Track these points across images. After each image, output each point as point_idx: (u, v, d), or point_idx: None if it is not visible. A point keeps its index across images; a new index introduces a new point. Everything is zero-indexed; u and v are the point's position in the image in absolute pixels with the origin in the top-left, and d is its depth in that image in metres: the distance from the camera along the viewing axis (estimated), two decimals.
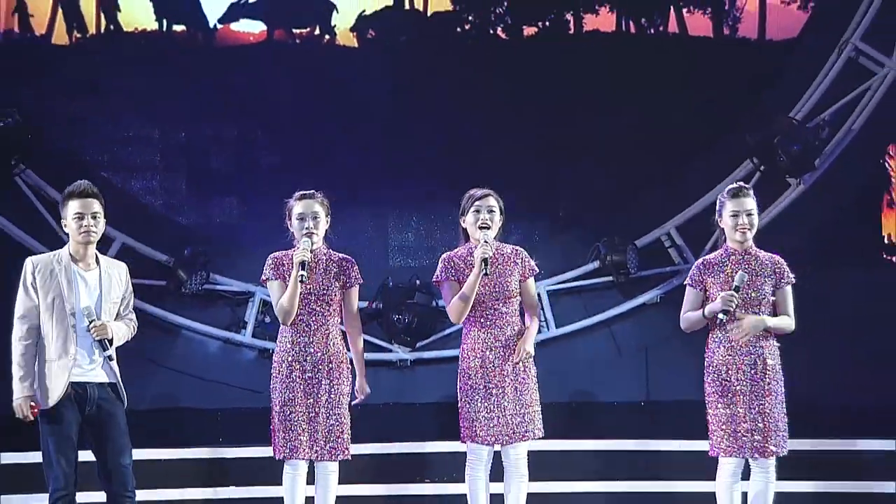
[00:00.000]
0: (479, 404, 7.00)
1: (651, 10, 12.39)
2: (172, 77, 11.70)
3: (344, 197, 10.96)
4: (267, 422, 7.17)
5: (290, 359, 7.01)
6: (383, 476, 9.15)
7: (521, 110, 11.68)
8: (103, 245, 10.35)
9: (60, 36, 11.94)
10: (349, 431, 7.11)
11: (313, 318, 7.03)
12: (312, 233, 7.02)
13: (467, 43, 12.29)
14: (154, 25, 12.01)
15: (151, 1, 11.98)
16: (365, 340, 10.87)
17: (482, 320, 7.05)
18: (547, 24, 12.34)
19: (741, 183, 7.29)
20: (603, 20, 12.31)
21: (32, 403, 6.52)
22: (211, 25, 12.06)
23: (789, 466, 8.43)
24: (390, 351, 10.84)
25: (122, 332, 6.69)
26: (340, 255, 7.27)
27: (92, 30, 12.02)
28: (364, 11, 12.11)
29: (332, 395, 7.02)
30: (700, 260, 7.26)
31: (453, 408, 10.00)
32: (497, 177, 10.75)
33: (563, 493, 8.82)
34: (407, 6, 12.27)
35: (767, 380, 6.99)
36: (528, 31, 12.33)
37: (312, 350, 6.99)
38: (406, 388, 10.78)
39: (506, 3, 12.33)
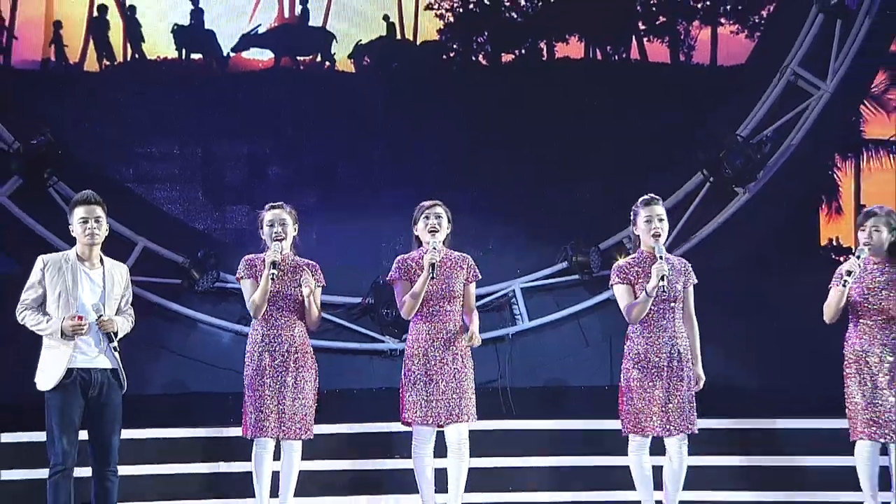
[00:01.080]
0: (420, 389, 7.00)
1: (615, 39, 12.49)
2: (190, 99, 11.77)
3: (342, 204, 11.45)
4: None
5: (260, 349, 7.04)
6: (367, 453, 8.98)
7: (501, 127, 11.70)
8: (125, 249, 10.43)
9: (91, 64, 12.04)
10: (312, 414, 7.15)
11: (281, 314, 7.05)
12: (281, 238, 7.09)
13: (452, 69, 12.41)
14: (174, 54, 12.09)
15: (172, 32, 12.07)
16: (359, 332, 10.97)
17: (428, 316, 7.06)
18: (523, 51, 12.46)
19: (652, 194, 7.28)
20: (572, 48, 12.42)
21: (70, 320, 6.42)
22: (225, 54, 12.15)
23: (739, 442, 8.63)
24: (382, 342, 10.80)
25: (123, 325, 6.68)
26: (306, 260, 7.29)
27: (119, 58, 12.11)
28: (360, 41, 12.20)
29: (298, 382, 7.05)
30: (617, 265, 7.22)
31: None
32: (479, 186, 11.50)
33: (536, 466, 8.70)
34: (398, 36, 12.34)
35: (681, 366, 6.97)
36: (506, 57, 12.43)
37: (280, 341, 7.03)
38: (396, 374, 10.75)
39: (486, 33, 12.43)
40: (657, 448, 7.01)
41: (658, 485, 7.05)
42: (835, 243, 19.83)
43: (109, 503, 6.64)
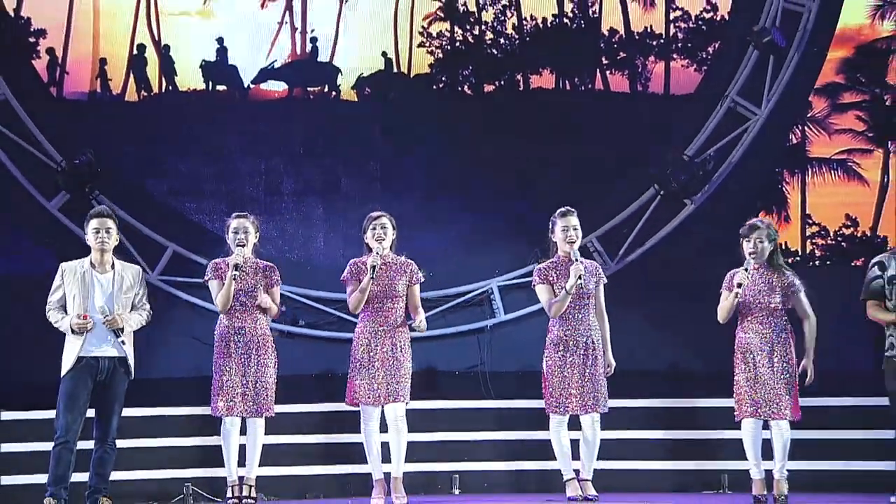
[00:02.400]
0: (364, 374, 6.98)
1: (582, 72, 12.62)
2: (215, 125, 11.85)
3: (345, 214, 11.41)
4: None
5: (226, 339, 7.04)
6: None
7: (482, 148, 11.77)
8: (157, 253, 10.57)
9: (131, 94, 12.16)
10: (273, 395, 7.09)
11: (244, 309, 7.04)
12: (243, 244, 7.02)
13: (441, 97, 12.49)
14: (202, 86, 12.21)
15: (200, 67, 12.20)
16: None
17: (372, 312, 7.03)
18: (502, 82, 12.59)
19: (568, 207, 7.32)
20: (545, 79, 12.56)
21: (76, 319, 6.47)
22: (245, 86, 12.25)
23: (665, 417, 8.53)
24: None
25: (135, 320, 6.68)
26: (265, 262, 7.24)
27: (155, 90, 12.25)
28: (362, 74, 12.32)
29: (259, 367, 7.02)
30: (538, 268, 7.31)
31: (426, 374, 9.84)
32: (462, 197, 11.60)
33: (517, 440, 8.59)
34: (395, 70, 12.47)
35: (595, 353, 7.05)
36: (488, 87, 12.56)
37: (244, 332, 7.01)
38: None
39: (470, 67, 12.59)
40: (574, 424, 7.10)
41: (575, 456, 7.12)
42: (783, 247, 20.05)
43: (105, 469, 6.66)
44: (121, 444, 7.51)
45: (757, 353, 6.86)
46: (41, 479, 6.66)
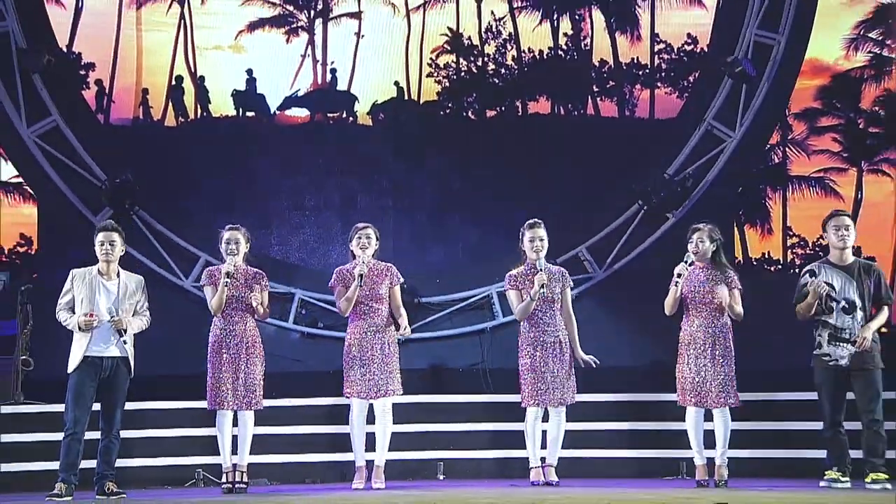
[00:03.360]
0: (356, 370, 6.95)
1: (575, 98, 12.75)
2: (244, 147, 11.95)
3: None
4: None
5: (219, 340, 6.94)
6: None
7: (484, 167, 11.83)
8: (191, 262, 10.55)
9: (170, 120, 12.45)
10: (261, 390, 6.99)
11: (235, 312, 6.93)
12: (235, 253, 6.93)
13: (448, 122, 12.64)
14: (233, 112, 12.41)
15: (232, 96, 12.40)
16: None
17: (361, 314, 6.99)
18: (503, 108, 12.75)
19: (535, 219, 7.21)
20: (541, 106, 12.74)
21: (83, 316, 6.47)
22: (272, 112, 12.41)
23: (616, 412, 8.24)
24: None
25: (136, 324, 6.66)
26: (255, 269, 7.12)
27: (191, 116, 12.52)
28: (376, 101, 12.45)
29: (249, 365, 6.93)
30: (509, 274, 7.15)
31: (434, 370, 10.01)
32: (466, 212, 11.67)
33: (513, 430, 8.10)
34: (406, 97, 12.63)
35: (562, 351, 6.97)
36: (490, 113, 12.69)
37: (235, 334, 6.92)
38: (404, 358, 10.64)
39: (474, 95, 12.70)
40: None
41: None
42: (766, 256, 20.15)
43: (111, 457, 6.64)
44: (141, 433, 7.69)
45: (699, 345, 6.79)
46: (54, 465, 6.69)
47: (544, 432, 7.11)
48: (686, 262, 6.85)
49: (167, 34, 12.61)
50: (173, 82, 12.61)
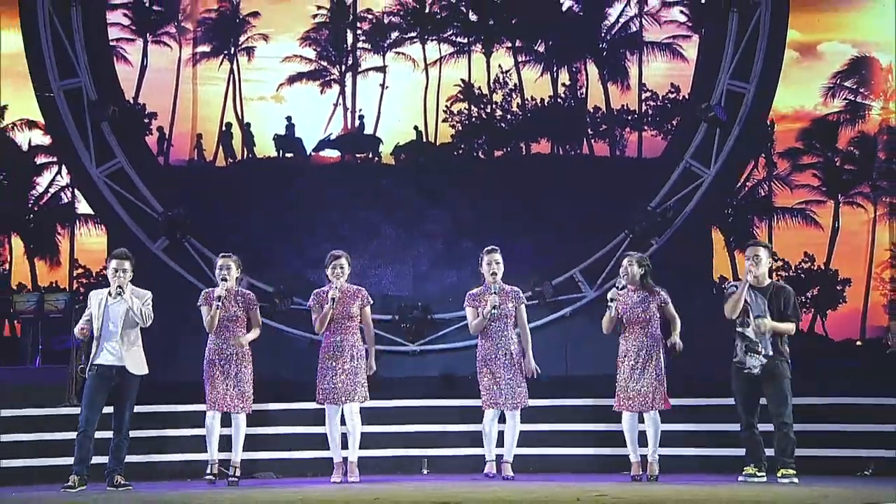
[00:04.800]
0: (329, 380, 6.87)
1: (571, 140, 12.83)
2: (284, 183, 12.01)
3: (383, 252, 11.61)
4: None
5: (214, 353, 6.89)
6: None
7: (492, 200, 11.85)
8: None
9: (220, 161, 12.65)
10: (251, 396, 6.92)
11: (227, 329, 6.89)
12: (226, 279, 6.86)
13: (460, 161, 12.77)
14: (275, 154, 12.58)
15: (273, 139, 12.54)
16: (388, 339, 10.63)
17: (334, 331, 6.93)
18: (508, 149, 12.87)
19: (493, 246, 7.18)
20: (542, 146, 12.81)
21: (83, 328, 6.53)
22: (308, 153, 12.56)
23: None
24: (405, 345, 10.84)
25: (136, 305, 6.52)
26: (246, 291, 7.07)
27: (239, 157, 12.72)
28: (398, 143, 12.60)
29: (239, 375, 6.88)
30: (469, 293, 7.12)
31: (447, 378, 9.81)
32: (475, 239, 11.10)
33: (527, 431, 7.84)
34: (424, 139, 12.76)
35: (514, 362, 6.96)
36: (497, 153, 12.81)
37: (227, 348, 6.87)
38: (417, 367, 10.65)
39: (484, 137, 12.83)
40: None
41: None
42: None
43: (120, 454, 6.62)
44: (166, 432, 7.64)
45: (634, 358, 6.81)
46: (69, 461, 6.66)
47: (501, 432, 7.05)
48: (618, 287, 6.88)
49: (219, 87, 12.96)
50: (223, 128, 12.86)
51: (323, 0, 12.84)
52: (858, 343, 17.06)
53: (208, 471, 6.95)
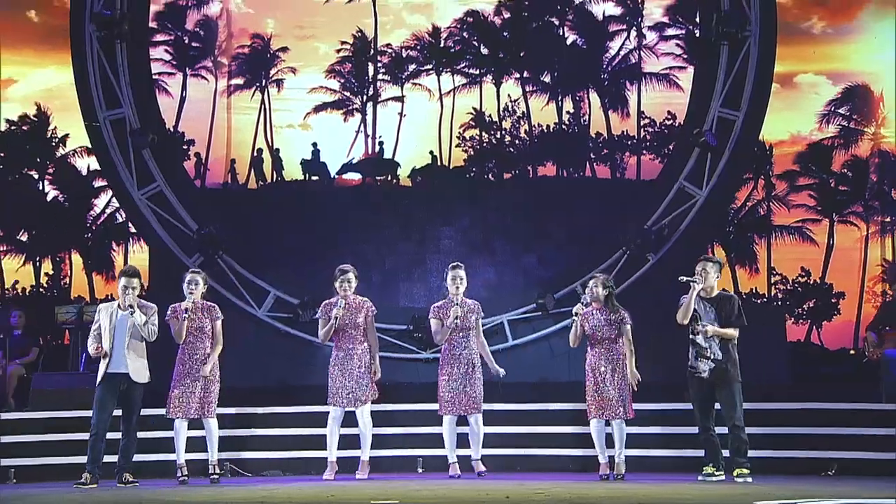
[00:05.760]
0: (339, 385, 6.88)
1: (575, 163, 12.91)
2: (310, 204, 12.11)
3: (400, 268, 11.63)
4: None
5: (183, 361, 6.86)
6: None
7: (502, 219, 11.94)
8: (263, 295, 10.54)
9: (252, 184, 12.80)
10: (216, 401, 6.86)
11: (196, 339, 6.86)
12: (193, 292, 6.83)
13: (472, 183, 12.82)
14: (301, 177, 12.70)
15: (300, 164, 12.68)
16: (401, 346, 10.71)
17: (341, 339, 6.95)
18: (517, 172, 13.02)
19: (457, 262, 7.19)
20: (548, 170, 12.98)
21: (97, 346, 6.52)
22: (332, 176, 12.67)
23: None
24: (419, 353, 10.81)
25: (144, 325, 6.55)
26: (210, 303, 6.99)
27: (269, 180, 12.86)
28: (415, 167, 12.75)
29: (206, 381, 6.85)
30: (434, 306, 7.09)
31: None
32: (485, 256, 11.68)
33: (532, 433, 8.04)
34: (439, 163, 12.90)
35: (474, 370, 6.97)
36: (507, 175, 12.95)
37: (195, 358, 6.85)
38: (430, 373, 9.73)
39: (493, 161, 12.94)
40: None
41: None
42: (754, 291, 20.21)
43: (129, 454, 6.68)
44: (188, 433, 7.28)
45: (600, 371, 6.85)
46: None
47: (460, 435, 7.07)
48: (583, 304, 6.95)
49: (251, 116, 13.28)
50: (255, 154, 13.10)
51: (346, 36, 13.19)
52: (852, 352, 17.11)
53: (178, 473, 6.90)
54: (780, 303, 19.25)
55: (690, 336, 6.71)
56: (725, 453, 6.72)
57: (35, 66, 12.90)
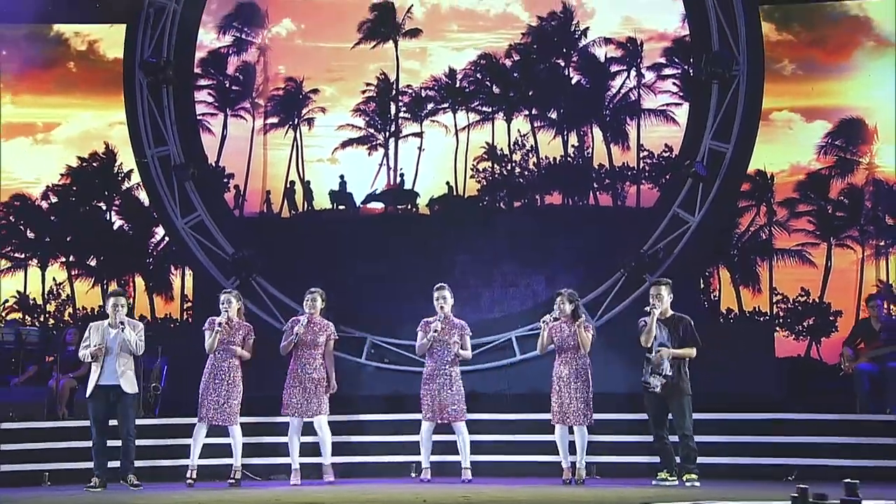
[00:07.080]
0: (297, 395, 7.05)
1: (579, 193, 12.90)
2: (337, 232, 12.32)
3: (416, 290, 10.61)
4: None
5: (210, 372, 7.10)
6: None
7: (512, 244, 12.00)
8: (293, 313, 9.91)
9: (285, 213, 12.87)
10: (238, 411, 7.06)
11: (224, 353, 7.14)
12: (227, 309, 7.12)
13: (485, 212, 12.78)
14: (330, 206, 12.81)
15: (329, 194, 12.82)
16: (422, 362, 9.77)
17: (298, 357, 7.12)
18: (526, 200, 12.88)
19: (442, 283, 7.37)
20: (555, 198, 12.87)
21: (94, 348, 6.60)
22: (357, 206, 12.78)
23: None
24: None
25: (134, 341, 6.66)
26: (246, 323, 7.21)
27: (300, 209, 12.93)
28: (433, 196, 12.78)
29: (230, 391, 7.05)
30: (423, 320, 7.40)
31: (470, 395, 9.14)
32: (495, 278, 11.84)
33: (534, 440, 8.25)
34: (454, 193, 12.92)
35: (450, 380, 7.19)
36: (517, 203, 12.82)
37: (222, 369, 7.11)
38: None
39: (504, 190, 12.90)
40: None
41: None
42: (756, 310, 19.94)
43: (129, 456, 6.84)
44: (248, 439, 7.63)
45: (565, 379, 7.06)
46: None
47: (435, 442, 7.30)
48: (551, 316, 7.15)
49: (284, 151, 13.22)
50: (288, 185, 13.09)
51: (371, 78, 13.24)
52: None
53: (188, 474, 7.10)
54: (780, 320, 19.04)
55: (646, 355, 6.91)
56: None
57: (80, 107, 13.21)
